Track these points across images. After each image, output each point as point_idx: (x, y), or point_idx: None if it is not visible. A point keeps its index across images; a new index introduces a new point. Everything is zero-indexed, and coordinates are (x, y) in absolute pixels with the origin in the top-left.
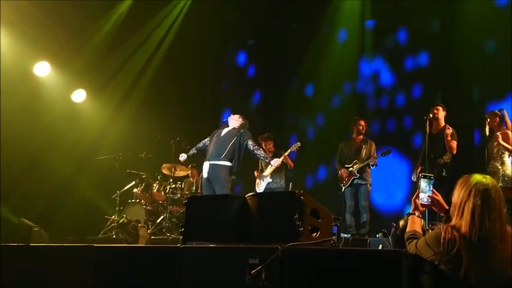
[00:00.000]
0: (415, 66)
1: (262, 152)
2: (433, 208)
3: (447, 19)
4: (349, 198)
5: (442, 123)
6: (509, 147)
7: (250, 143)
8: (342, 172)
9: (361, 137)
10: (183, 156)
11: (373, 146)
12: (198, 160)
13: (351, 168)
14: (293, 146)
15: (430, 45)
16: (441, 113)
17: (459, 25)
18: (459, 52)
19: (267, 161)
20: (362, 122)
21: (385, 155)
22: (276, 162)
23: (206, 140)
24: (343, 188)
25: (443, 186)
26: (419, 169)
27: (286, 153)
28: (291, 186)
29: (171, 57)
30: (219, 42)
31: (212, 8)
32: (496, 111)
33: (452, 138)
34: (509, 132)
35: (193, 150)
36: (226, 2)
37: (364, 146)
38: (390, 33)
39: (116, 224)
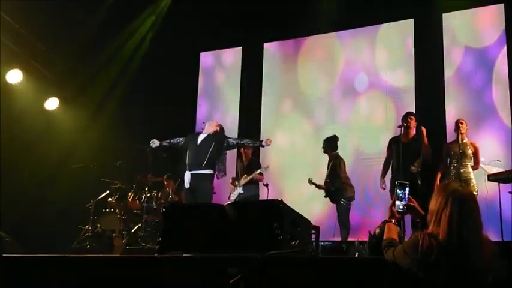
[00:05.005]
0: None
1: (248, 139)
2: (410, 214)
3: None
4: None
5: (413, 132)
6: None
7: (230, 139)
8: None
9: (333, 153)
10: (155, 143)
11: (341, 162)
12: (170, 170)
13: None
14: (262, 168)
15: None
16: (413, 122)
17: None
18: None
19: (257, 144)
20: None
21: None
22: (267, 142)
23: (181, 139)
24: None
25: (418, 194)
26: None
27: (251, 176)
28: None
29: (146, 66)
30: (195, 54)
31: (188, 17)
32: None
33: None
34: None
35: (166, 142)
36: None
37: (332, 162)
38: None
39: (89, 234)
